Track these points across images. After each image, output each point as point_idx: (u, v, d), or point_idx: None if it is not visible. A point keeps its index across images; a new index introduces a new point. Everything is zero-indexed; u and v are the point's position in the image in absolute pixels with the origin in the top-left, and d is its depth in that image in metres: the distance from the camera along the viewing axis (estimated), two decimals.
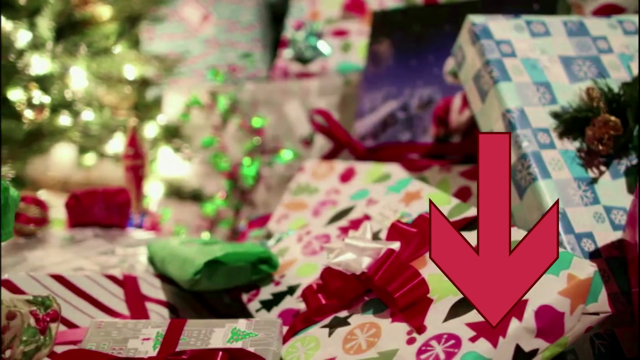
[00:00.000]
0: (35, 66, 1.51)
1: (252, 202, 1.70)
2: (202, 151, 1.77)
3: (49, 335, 0.79)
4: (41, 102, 1.47)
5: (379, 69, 1.43)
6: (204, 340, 0.90)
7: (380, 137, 1.40)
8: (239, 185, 1.71)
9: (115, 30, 1.63)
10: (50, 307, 0.79)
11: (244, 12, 1.93)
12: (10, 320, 0.79)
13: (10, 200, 0.92)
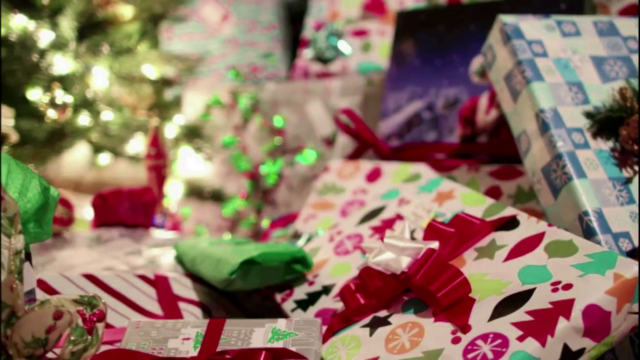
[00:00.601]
0: (58, 66, 1.51)
1: (273, 202, 1.70)
2: (222, 151, 1.77)
3: (96, 335, 0.79)
4: (64, 102, 1.47)
5: (404, 69, 1.43)
6: (244, 340, 0.90)
7: (405, 137, 1.40)
8: (260, 185, 1.71)
9: (137, 30, 1.63)
10: (97, 306, 0.79)
11: (263, 12, 1.92)
12: (57, 320, 0.79)
13: (51, 199, 0.92)
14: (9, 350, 0.80)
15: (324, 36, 1.70)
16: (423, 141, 1.37)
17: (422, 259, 0.91)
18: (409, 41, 1.44)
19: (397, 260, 0.92)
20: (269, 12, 1.92)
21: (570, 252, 0.86)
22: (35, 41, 1.48)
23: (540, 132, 1.05)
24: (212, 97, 1.78)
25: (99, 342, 0.79)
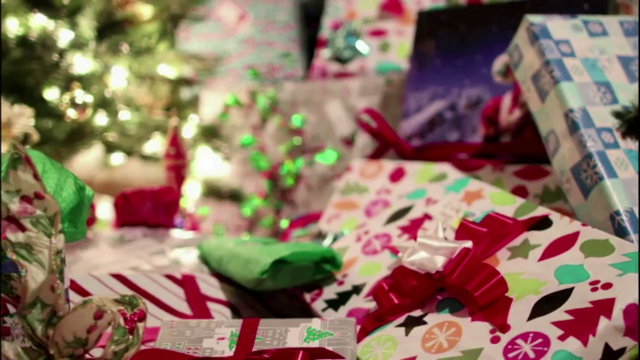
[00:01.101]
0: (78, 65, 1.51)
1: (292, 201, 1.70)
2: (240, 151, 1.77)
3: (137, 335, 0.78)
4: (84, 102, 1.47)
5: (425, 69, 1.44)
6: (279, 339, 0.90)
7: (427, 137, 1.40)
8: (279, 185, 1.71)
9: (157, 29, 1.63)
10: (137, 306, 0.79)
11: (280, 12, 1.92)
12: (98, 319, 0.78)
13: (86, 199, 0.92)
14: (49, 350, 0.80)
15: (342, 36, 1.70)
16: (445, 141, 1.37)
17: (458, 258, 0.91)
18: (430, 41, 1.44)
19: (432, 260, 0.93)
20: (286, 12, 1.92)
21: (607, 252, 0.87)
22: (54, 41, 1.48)
23: (570, 132, 1.05)
24: (231, 96, 1.78)
25: (140, 342, 0.79)
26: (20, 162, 0.79)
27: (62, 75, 1.51)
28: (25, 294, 0.78)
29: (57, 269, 0.78)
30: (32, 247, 0.79)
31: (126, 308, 0.79)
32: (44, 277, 0.78)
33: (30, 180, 0.79)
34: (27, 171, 0.79)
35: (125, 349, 0.77)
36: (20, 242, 0.78)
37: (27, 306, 0.79)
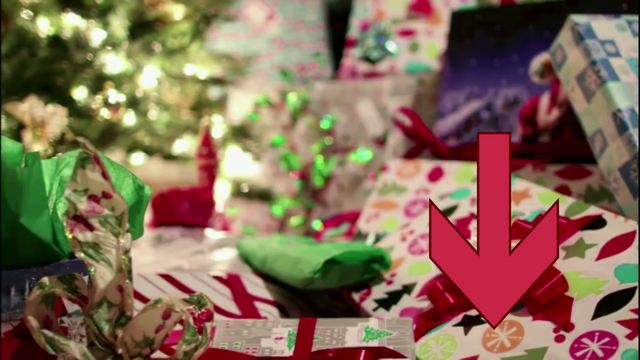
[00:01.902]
0: (111, 65, 1.51)
1: (323, 201, 1.70)
2: (270, 150, 1.77)
3: (205, 334, 0.78)
4: (117, 101, 1.46)
5: (460, 69, 1.44)
6: (338, 339, 0.90)
7: (463, 137, 1.40)
8: (310, 185, 1.71)
9: (189, 29, 1.63)
10: (205, 306, 0.79)
11: (308, 12, 1.92)
12: (166, 319, 0.78)
13: (145, 198, 0.92)
14: (117, 350, 0.80)
15: (371, 36, 1.70)
16: None
17: None
18: (465, 41, 1.44)
19: None
20: (314, 12, 1.92)
21: None
22: (87, 40, 1.48)
23: (618, 132, 1.05)
24: (261, 96, 1.78)
25: (208, 342, 0.78)
26: (89, 161, 0.78)
27: (94, 75, 1.51)
28: (93, 294, 0.78)
29: (125, 268, 0.78)
30: (100, 246, 0.78)
31: (194, 308, 0.79)
32: (111, 277, 0.78)
33: (98, 179, 0.79)
34: (95, 170, 0.78)
35: (195, 348, 0.77)
36: (89, 242, 0.78)
37: (95, 306, 0.79)
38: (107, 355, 0.80)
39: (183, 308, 0.77)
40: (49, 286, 0.80)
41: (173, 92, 1.60)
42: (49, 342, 0.79)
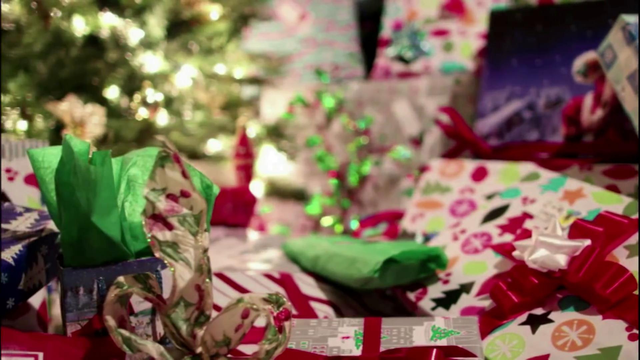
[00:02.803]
0: (148, 64, 1.50)
1: (359, 201, 1.70)
2: (305, 150, 1.76)
3: (284, 334, 0.78)
4: (155, 101, 1.46)
5: (500, 68, 1.44)
6: (406, 338, 0.90)
7: (505, 136, 1.40)
8: (346, 185, 1.71)
9: (227, 29, 1.62)
10: (283, 305, 0.79)
11: (341, 12, 1.92)
12: (244, 318, 0.78)
13: (212, 196, 0.92)
14: (195, 349, 0.80)
15: (405, 36, 1.70)
16: (525, 140, 1.38)
17: (582, 256, 0.92)
18: (505, 41, 1.44)
19: (554, 258, 0.93)
20: (347, 12, 1.91)
21: None
22: (125, 39, 1.47)
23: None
24: (296, 96, 1.77)
25: (287, 341, 0.78)
26: (168, 160, 0.78)
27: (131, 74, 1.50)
28: (172, 293, 0.78)
29: (205, 267, 0.78)
30: (178, 245, 0.78)
31: (273, 307, 0.78)
32: (190, 276, 0.78)
33: (178, 178, 0.78)
34: (175, 169, 0.78)
35: (275, 347, 0.77)
36: (168, 241, 0.78)
37: (172, 305, 0.78)
38: (184, 355, 0.80)
39: (265, 307, 0.77)
40: (126, 286, 0.80)
41: (208, 92, 1.59)
42: (125, 341, 0.78)
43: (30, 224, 0.99)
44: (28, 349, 0.80)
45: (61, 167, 0.86)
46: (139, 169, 0.91)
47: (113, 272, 0.88)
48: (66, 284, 0.87)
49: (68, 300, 0.87)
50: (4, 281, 0.90)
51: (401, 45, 1.69)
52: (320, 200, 1.72)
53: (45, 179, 0.90)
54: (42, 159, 0.91)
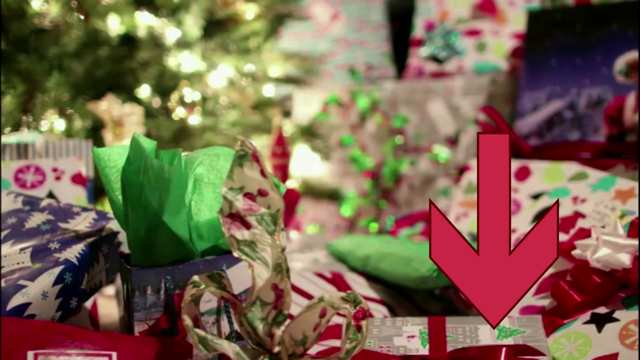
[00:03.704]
0: (185, 64, 1.50)
1: (394, 201, 1.70)
2: (338, 150, 1.76)
3: (362, 332, 0.78)
4: (192, 100, 1.45)
5: (539, 68, 1.44)
6: (472, 337, 0.90)
7: (545, 136, 1.41)
8: (381, 184, 1.71)
9: (264, 28, 1.62)
10: (360, 304, 0.79)
11: (373, 12, 1.92)
12: (322, 317, 0.78)
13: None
14: (271, 349, 0.79)
15: (439, 35, 1.70)
16: (566, 140, 1.38)
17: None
18: (544, 41, 1.44)
19: (618, 258, 0.93)
20: (378, 12, 1.91)
21: None
22: (162, 39, 1.47)
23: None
24: (330, 96, 1.77)
25: (365, 340, 0.78)
26: (247, 159, 0.78)
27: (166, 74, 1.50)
28: (251, 292, 0.77)
29: (284, 266, 0.77)
30: (256, 244, 0.78)
31: (350, 306, 0.78)
32: (268, 275, 0.78)
33: (256, 177, 0.78)
34: (253, 168, 0.78)
35: (355, 346, 0.77)
36: (246, 240, 0.78)
37: (249, 304, 0.78)
38: (260, 354, 0.79)
39: (347, 307, 0.77)
40: (203, 285, 0.80)
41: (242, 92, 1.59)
42: (201, 341, 0.78)
43: (89, 223, 0.99)
44: (102, 348, 0.80)
45: (128, 166, 0.86)
46: (204, 168, 0.91)
47: (180, 271, 0.88)
48: (134, 283, 0.86)
49: (136, 300, 0.87)
50: (68, 281, 0.90)
51: (434, 45, 1.69)
52: (354, 200, 1.72)
53: (110, 178, 0.90)
54: (107, 158, 0.90)
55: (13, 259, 0.91)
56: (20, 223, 0.98)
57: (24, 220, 0.99)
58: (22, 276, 0.88)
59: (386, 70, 1.89)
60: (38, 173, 1.19)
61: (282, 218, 0.79)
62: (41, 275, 0.88)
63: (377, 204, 1.71)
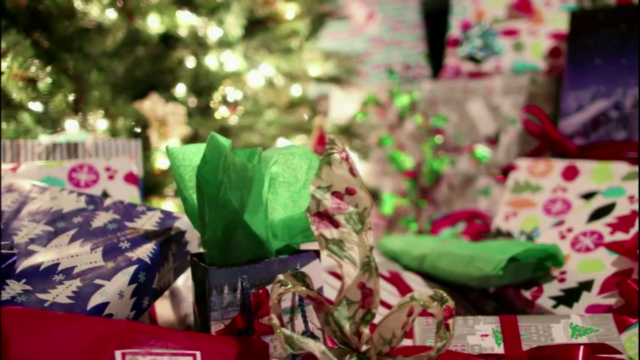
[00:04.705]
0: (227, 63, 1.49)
1: (433, 200, 1.70)
2: (376, 150, 1.76)
3: (450, 331, 0.78)
4: (235, 100, 1.45)
5: (584, 68, 1.44)
6: (546, 336, 0.90)
7: (591, 136, 1.41)
8: (420, 184, 1.71)
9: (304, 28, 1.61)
10: (447, 302, 0.78)
11: (409, 12, 1.91)
12: (409, 316, 0.78)
13: None
14: (358, 348, 0.79)
15: (477, 35, 1.70)
16: (613, 140, 1.38)
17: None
18: (588, 41, 1.45)
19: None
20: (414, 12, 1.91)
21: None
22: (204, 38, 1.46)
23: None
24: (368, 95, 1.77)
25: (452, 338, 0.78)
26: (336, 158, 0.78)
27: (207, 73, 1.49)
28: (340, 291, 0.77)
29: (373, 265, 0.77)
30: (343, 243, 0.78)
31: (438, 305, 0.78)
32: (356, 274, 0.77)
33: (345, 175, 0.78)
34: (342, 167, 0.78)
35: (444, 345, 0.77)
36: (335, 239, 0.78)
37: (336, 303, 0.78)
38: (346, 353, 0.79)
39: (434, 305, 0.77)
40: (290, 285, 0.79)
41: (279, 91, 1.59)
42: (288, 340, 0.78)
43: (156, 222, 0.99)
44: (186, 347, 0.80)
45: (204, 164, 0.86)
46: (279, 167, 0.91)
47: (256, 271, 0.88)
48: (212, 283, 0.86)
49: (213, 299, 0.86)
50: (141, 280, 0.90)
51: (472, 45, 1.69)
52: (393, 200, 1.72)
53: (184, 176, 0.90)
54: (182, 156, 0.90)
55: (85, 259, 0.91)
56: (87, 222, 0.98)
57: (89, 220, 0.99)
58: (98, 275, 0.87)
59: (422, 70, 1.89)
60: (91, 172, 1.19)
61: (369, 217, 0.79)
62: (116, 274, 0.88)
63: (416, 204, 1.71)
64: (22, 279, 0.88)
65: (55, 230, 0.97)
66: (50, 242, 0.95)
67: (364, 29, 1.95)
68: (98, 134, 1.38)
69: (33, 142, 1.25)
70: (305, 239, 0.92)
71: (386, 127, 1.76)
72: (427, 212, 1.70)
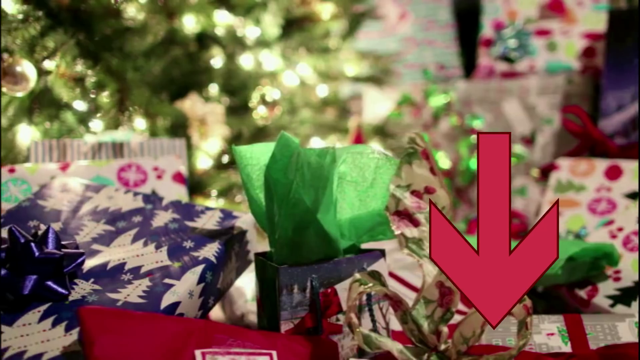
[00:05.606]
0: (265, 62, 1.49)
1: (468, 200, 1.70)
2: None
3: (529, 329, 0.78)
4: (274, 99, 1.45)
5: (623, 68, 1.45)
6: (612, 334, 0.90)
7: (631, 135, 1.41)
8: (455, 183, 1.71)
9: (341, 28, 1.61)
10: (524, 301, 0.79)
11: (441, 11, 1.92)
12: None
13: None
14: (437, 347, 0.79)
15: (512, 35, 1.70)
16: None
17: None
18: (626, 41, 1.45)
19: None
20: (446, 12, 1.92)
21: None
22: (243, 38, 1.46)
23: None
24: (403, 95, 1.77)
25: (531, 336, 0.78)
26: (416, 157, 0.78)
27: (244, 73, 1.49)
28: (420, 290, 0.77)
29: None
30: (423, 242, 0.78)
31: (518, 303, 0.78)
32: (435, 273, 0.78)
33: (424, 174, 0.78)
34: (422, 165, 0.78)
35: (525, 343, 0.77)
36: (414, 237, 0.78)
37: (414, 302, 0.78)
38: (424, 352, 0.79)
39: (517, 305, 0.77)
40: (371, 284, 0.79)
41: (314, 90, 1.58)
42: (366, 339, 0.78)
43: (216, 222, 0.98)
44: (262, 347, 0.80)
45: (273, 163, 0.85)
46: (347, 166, 0.90)
47: (326, 270, 0.87)
48: (282, 282, 0.86)
49: (283, 299, 0.86)
50: (208, 280, 0.89)
51: (506, 45, 1.70)
52: None
53: (252, 176, 0.90)
54: (250, 155, 0.90)
55: (151, 258, 0.91)
56: (147, 222, 0.98)
57: (149, 219, 0.98)
58: (167, 275, 0.87)
59: (455, 70, 1.90)
60: (139, 172, 1.19)
61: (449, 215, 0.79)
62: (185, 273, 0.87)
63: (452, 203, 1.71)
64: (90, 279, 0.87)
65: (116, 229, 0.97)
66: (113, 241, 0.94)
67: (397, 29, 1.96)
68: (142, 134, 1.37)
69: (79, 142, 1.25)
70: (371, 238, 0.91)
71: (420, 127, 1.77)
72: (462, 211, 1.70)
